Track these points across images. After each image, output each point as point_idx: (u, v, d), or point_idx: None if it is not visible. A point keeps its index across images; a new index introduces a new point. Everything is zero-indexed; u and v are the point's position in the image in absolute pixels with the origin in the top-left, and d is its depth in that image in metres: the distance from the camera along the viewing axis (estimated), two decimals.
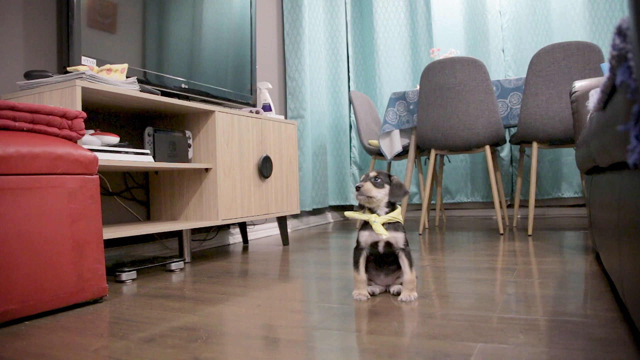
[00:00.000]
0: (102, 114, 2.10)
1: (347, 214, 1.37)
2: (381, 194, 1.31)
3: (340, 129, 4.08)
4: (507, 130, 3.43)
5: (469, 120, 2.66)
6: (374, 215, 1.32)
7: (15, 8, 1.86)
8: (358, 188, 1.30)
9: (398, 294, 1.34)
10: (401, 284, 1.34)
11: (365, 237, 1.33)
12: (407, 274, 1.30)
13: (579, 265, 1.64)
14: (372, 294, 1.38)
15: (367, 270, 1.37)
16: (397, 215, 1.33)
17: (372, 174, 1.34)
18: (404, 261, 1.30)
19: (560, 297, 1.24)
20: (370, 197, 1.30)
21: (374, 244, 1.32)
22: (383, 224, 1.30)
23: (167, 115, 2.25)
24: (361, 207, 1.37)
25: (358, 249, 1.34)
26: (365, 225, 1.34)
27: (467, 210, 3.93)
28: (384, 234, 1.28)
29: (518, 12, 3.65)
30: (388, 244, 1.31)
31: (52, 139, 1.36)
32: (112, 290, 1.59)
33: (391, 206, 1.34)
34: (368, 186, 1.30)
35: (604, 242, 1.22)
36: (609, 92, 0.80)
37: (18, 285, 1.19)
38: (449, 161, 3.76)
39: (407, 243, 1.33)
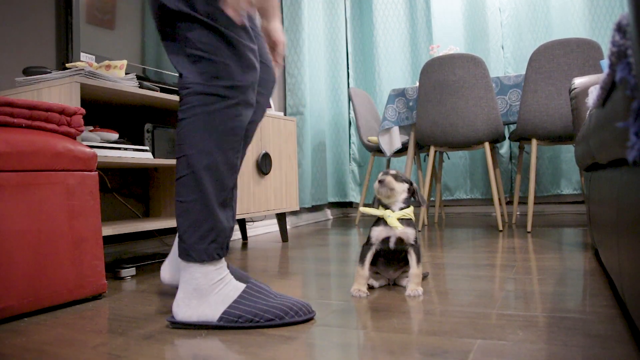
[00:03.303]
0: (101, 110, 2.09)
1: (362, 209, 1.39)
2: (401, 188, 1.35)
3: (339, 126, 4.08)
4: (506, 127, 3.43)
5: (468, 117, 2.66)
6: (389, 210, 1.35)
7: (14, 4, 1.85)
8: (381, 181, 1.33)
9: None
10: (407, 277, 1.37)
11: (378, 232, 1.35)
12: (414, 268, 1.33)
13: (577, 262, 1.65)
14: (371, 287, 1.40)
15: (375, 264, 1.40)
16: (410, 212, 1.36)
17: (392, 172, 1.37)
18: (412, 256, 1.34)
19: (559, 294, 1.24)
20: (392, 189, 1.33)
21: (386, 240, 1.34)
22: (397, 219, 1.33)
23: (167, 111, 2.25)
24: (371, 205, 1.41)
25: (367, 245, 1.37)
26: (378, 221, 1.37)
27: (466, 207, 3.94)
28: (399, 227, 1.31)
29: (517, 9, 3.64)
30: (399, 240, 1.34)
31: (50, 135, 1.35)
32: (111, 287, 1.59)
33: (406, 203, 1.37)
34: (390, 179, 1.34)
35: (603, 239, 1.23)
36: (609, 89, 0.79)
37: (17, 282, 1.19)
38: (448, 158, 3.76)
39: (417, 240, 1.36)
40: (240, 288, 1.09)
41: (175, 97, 1.97)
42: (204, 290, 1.07)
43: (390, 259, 1.39)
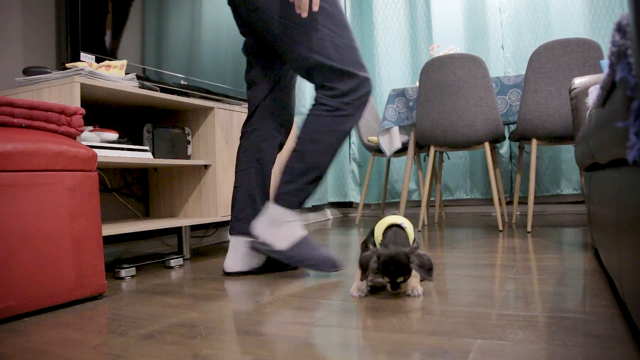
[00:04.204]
0: (101, 110, 2.10)
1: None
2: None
3: None
4: (506, 127, 3.43)
5: (468, 117, 2.66)
6: None
7: (14, 4, 1.85)
8: (394, 288, 1.28)
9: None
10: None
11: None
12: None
13: (577, 262, 1.65)
14: (374, 286, 1.40)
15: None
16: (410, 232, 1.35)
17: (399, 279, 1.25)
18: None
19: (559, 294, 1.24)
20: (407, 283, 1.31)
21: None
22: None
23: (166, 111, 2.25)
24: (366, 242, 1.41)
25: (367, 246, 1.37)
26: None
27: (466, 207, 3.94)
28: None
29: (517, 9, 3.64)
30: None
31: (50, 135, 1.35)
32: (111, 287, 1.59)
33: None
34: (405, 286, 1.30)
35: (603, 239, 1.23)
36: (609, 89, 0.79)
37: (17, 282, 1.19)
38: (448, 158, 3.76)
39: (414, 242, 1.35)
40: (303, 233, 1.56)
41: (175, 98, 1.97)
42: (279, 222, 1.53)
43: None
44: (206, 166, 2.16)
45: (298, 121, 3.50)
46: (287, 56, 1.57)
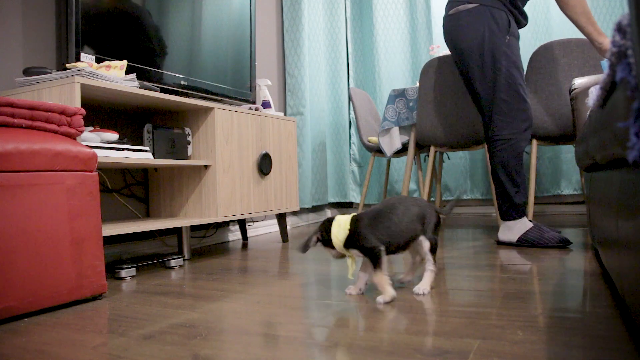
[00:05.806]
0: (101, 110, 2.10)
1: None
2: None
3: (339, 126, 4.08)
4: None
5: (469, 117, 2.66)
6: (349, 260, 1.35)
7: (14, 4, 1.85)
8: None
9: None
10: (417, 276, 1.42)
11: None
12: (371, 274, 1.30)
13: (578, 263, 1.65)
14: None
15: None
16: (341, 237, 1.30)
17: (314, 238, 1.36)
18: (367, 260, 1.33)
19: (559, 294, 1.24)
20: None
21: None
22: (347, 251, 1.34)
23: (167, 112, 2.25)
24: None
25: None
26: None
27: (466, 207, 3.94)
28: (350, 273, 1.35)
29: None
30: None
31: (51, 135, 1.35)
32: (111, 287, 1.59)
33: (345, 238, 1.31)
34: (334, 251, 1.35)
35: (603, 239, 1.23)
36: (609, 89, 0.79)
37: (17, 282, 1.19)
38: (449, 158, 3.76)
39: (368, 247, 1.28)
40: (529, 225, 2.03)
41: (175, 98, 1.97)
42: (511, 227, 2.05)
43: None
44: (206, 166, 2.15)
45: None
46: (480, 92, 2.05)
